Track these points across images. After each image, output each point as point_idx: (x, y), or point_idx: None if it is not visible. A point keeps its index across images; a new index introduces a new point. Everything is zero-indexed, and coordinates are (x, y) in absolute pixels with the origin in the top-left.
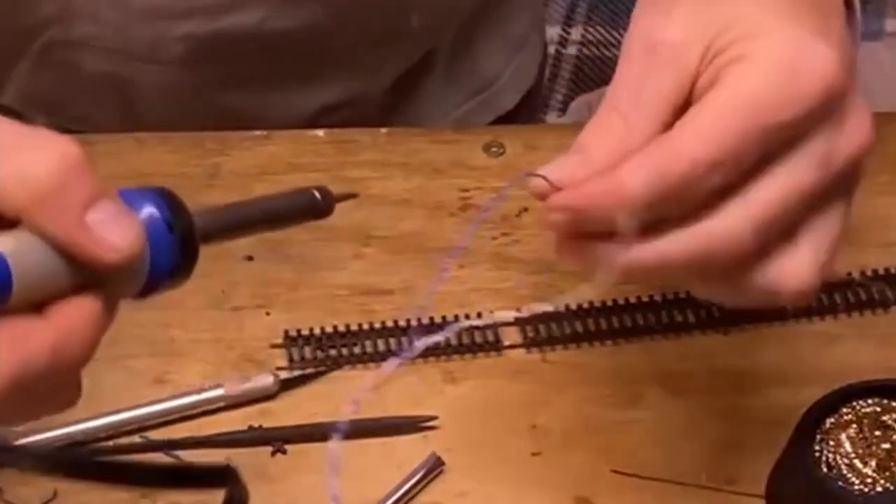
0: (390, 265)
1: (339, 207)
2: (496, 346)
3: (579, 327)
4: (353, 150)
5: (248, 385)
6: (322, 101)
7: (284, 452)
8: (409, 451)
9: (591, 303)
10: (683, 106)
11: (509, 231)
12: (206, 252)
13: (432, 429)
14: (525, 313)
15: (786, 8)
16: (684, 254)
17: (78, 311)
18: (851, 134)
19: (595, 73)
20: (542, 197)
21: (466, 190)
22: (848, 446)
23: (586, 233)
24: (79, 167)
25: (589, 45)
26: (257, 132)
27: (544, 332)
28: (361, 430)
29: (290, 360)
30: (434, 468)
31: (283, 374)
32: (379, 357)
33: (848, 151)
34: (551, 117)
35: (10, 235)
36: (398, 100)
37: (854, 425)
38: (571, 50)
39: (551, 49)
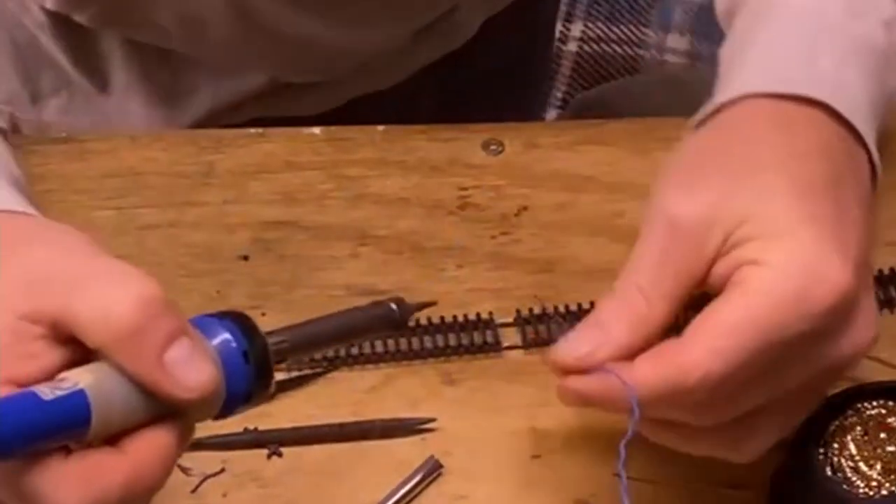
0: (388, 265)
1: (336, 206)
2: (496, 348)
3: None
4: (349, 148)
5: None
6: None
7: (280, 455)
8: (408, 454)
9: (591, 303)
10: (700, 283)
11: (508, 230)
12: (200, 252)
13: (431, 431)
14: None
15: (807, 201)
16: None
17: (152, 445)
18: (856, 337)
19: (595, 69)
20: (562, 374)
21: (465, 188)
22: (853, 449)
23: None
24: (157, 306)
25: (589, 42)
26: (252, 130)
27: (544, 332)
28: (359, 432)
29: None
30: (432, 471)
31: (280, 376)
32: (377, 358)
33: (850, 353)
34: (551, 115)
35: (90, 370)
36: None
37: (859, 428)
38: (571, 46)
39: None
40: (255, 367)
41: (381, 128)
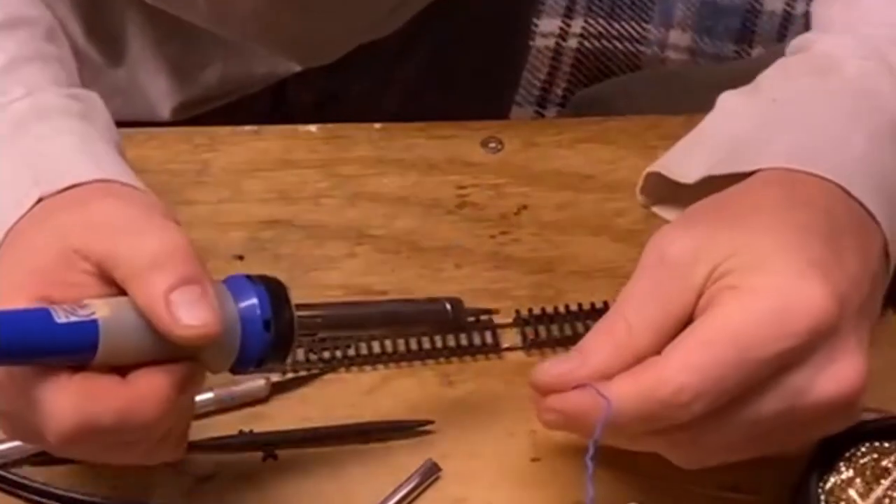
0: (385, 265)
1: (332, 204)
2: (495, 349)
3: (581, 328)
4: (346, 146)
5: (238, 388)
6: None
7: (275, 458)
8: (405, 457)
9: (592, 303)
10: (687, 318)
11: (508, 229)
12: (195, 251)
13: (428, 433)
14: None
15: (795, 239)
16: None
17: (151, 382)
18: (838, 375)
19: (596, 66)
20: (541, 393)
21: (463, 187)
22: (859, 501)
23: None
24: (180, 253)
25: (590, 38)
26: (247, 127)
27: (544, 333)
28: (356, 434)
29: None
30: (430, 474)
31: (275, 377)
32: (374, 359)
33: (830, 394)
34: (550, 112)
35: (110, 302)
36: None
37: (858, 479)
38: (572, 42)
39: (550, 42)
40: (274, 336)
41: (378, 125)
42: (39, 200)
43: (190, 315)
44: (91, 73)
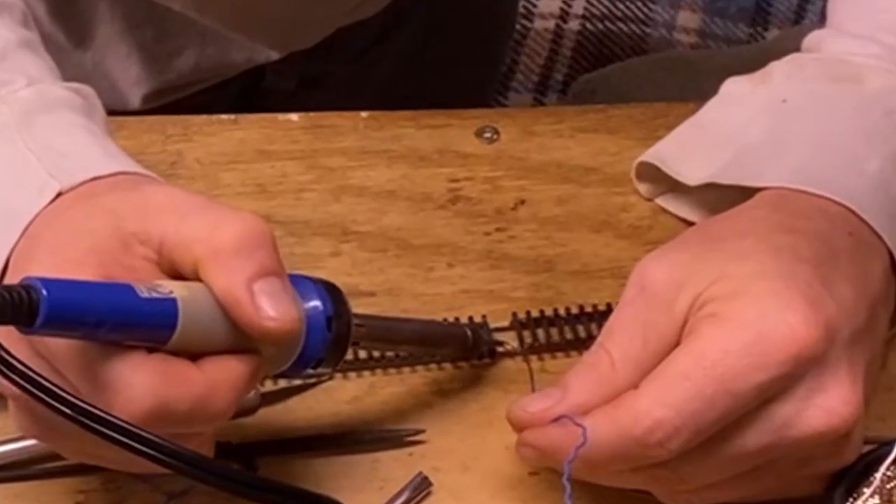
0: (371, 264)
1: (315, 199)
2: (490, 354)
3: (582, 332)
4: (329, 136)
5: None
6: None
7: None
8: (393, 469)
9: (594, 306)
10: (672, 345)
11: (504, 226)
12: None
13: (419, 444)
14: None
15: (780, 264)
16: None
17: (228, 370)
18: (826, 406)
19: (599, 49)
20: (518, 428)
21: (456, 180)
22: None
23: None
24: (263, 241)
25: (592, 20)
26: (223, 116)
27: (543, 337)
28: (341, 445)
29: None
30: (421, 489)
31: (264, 388)
32: (360, 365)
33: (812, 425)
34: (550, 99)
35: (185, 285)
36: None
37: None
38: (573, 25)
39: (550, 24)
40: (334, 337)
41: (364, 114)
42: (59, 195)
43: (274, 307)
44: (54, 55)
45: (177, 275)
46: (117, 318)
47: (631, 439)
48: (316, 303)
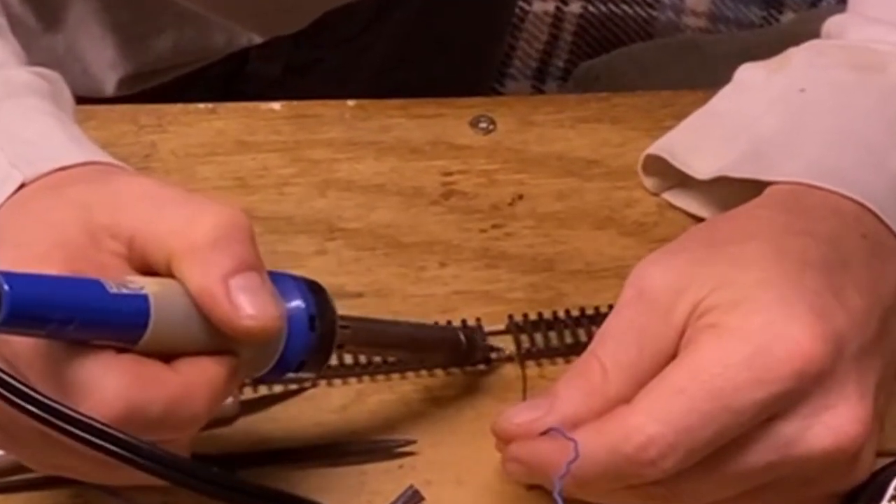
0: (359, 263)
1: (298, 193)
2: (485, 360)
3: (583, 336)
4: (314, 127)
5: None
6: None
7: None
8: (382, 483)
9: (596, 308)
10: (668, 361)
11: (501, 222)
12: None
13: (410, 456)
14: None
15: (785, 271)
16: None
17: (203, 373)
18: (832, 424)
19: (602, 34)
20: (505, 441)
21: (450, 173)
22: None
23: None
24: (241, 234)
25: (595, 2)
26: (201, 105)
27: (542, 342)
28: (326, 456)
29: None
30: (412, 503)
31: (248, 393)
32: (346, 372)
33: (817, 444)
34: (551, 87)
35: (157, 281)
36: None
37: None
38: (574, 7)
39: (550, 6)
40: (318, 338)
41: (351, 102)
42: (22, 186)
43: (252, 305)
44: (23, 37)
45: (149, 271)
46: (85, 316)
47: (622, 457)
48: (298, 301)
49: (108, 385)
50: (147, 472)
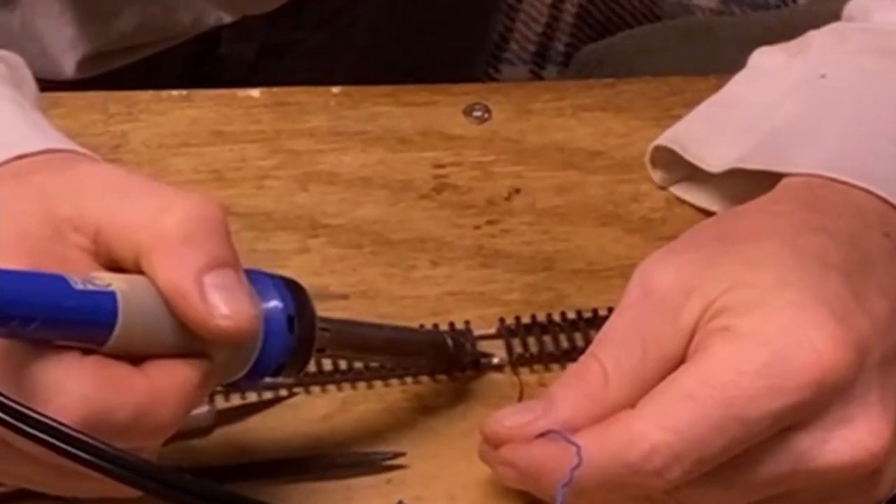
0: (344, 262)
1: (278, 187)
2: (474, 365)
3: (580, 341)
4: (295, 115)
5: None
6: None
7: None
8: (369, 498)
9: (594, 310)
10: (674, 366)
11: (497, 218)
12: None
13: (398, 469)
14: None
15: (805, 271)
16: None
17: (174, 377)
18: (847, 441)
19: (606, 15)
20: (495, 445)
21: (442, 165)
22: None
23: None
24: (214, 228)
25: None
26: (174, 92)
27: (535, 347)
28: (308, 470)
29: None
30: None
31: (221, 402)
32: (329, 379)
33: (835, 459)
34: (550, 72)
35: (126, 278)
36: None
37: None
38: None
39: None
40: (297, 340)
41: (335, 89)
42: None
43: (227, 303)
44: None
45: (116, 266)
46: (48, 314)
47: (624, 465)
48: (275, 301)
49: (71, 388)
50: (113, 477)
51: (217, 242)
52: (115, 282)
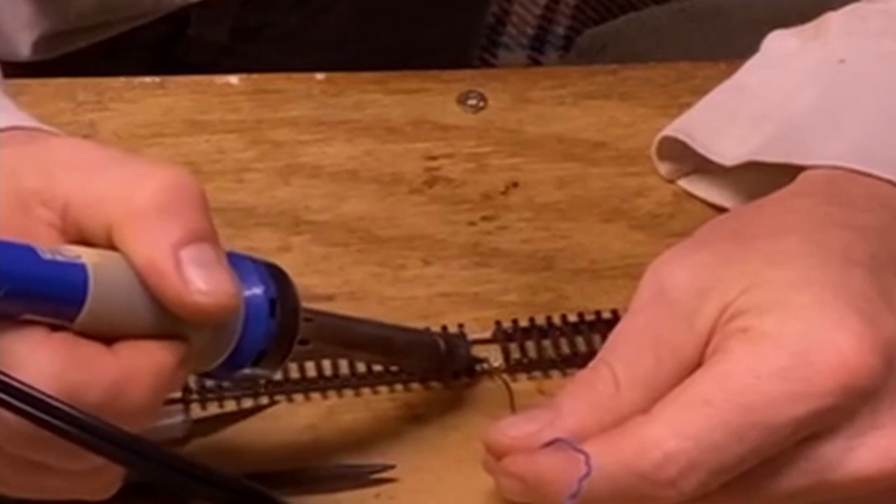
0: (329, 261)
1: (261, 181)
2: (468, 371)
3: (581, 345)
4: (277, 104)
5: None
6: None
7: None
8: None
9: (597, 312)
10: (691, 365)
11: (493, 214)
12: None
13: (388, 482)
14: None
15: (829, 269)
16: None
17: (147, 358)
18: (874, 449)
19: None
20: (498, 456)
21: (434, 157)
22: None
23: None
24: (191, 200)
25: None
26: (147, 78)
27: (534, 352)
28: (292, 483)
29: (202, 388)
30: None
31: (197, 411)
32: (313, 385)
33: (861, 469)
34: (550, 58)
35: (97, 252)
36: None
37: None
38: None
39: None
40: (279, 325)
41: (320, 76)
42: None
43: (205, 279)
44: None
45: (86, 243)
46: (14, 285)
47: (636, 475)
48: (256, 284)
49: (38, 366)
50: (92, 449)
51: (194, 215)
52: (85, 255)
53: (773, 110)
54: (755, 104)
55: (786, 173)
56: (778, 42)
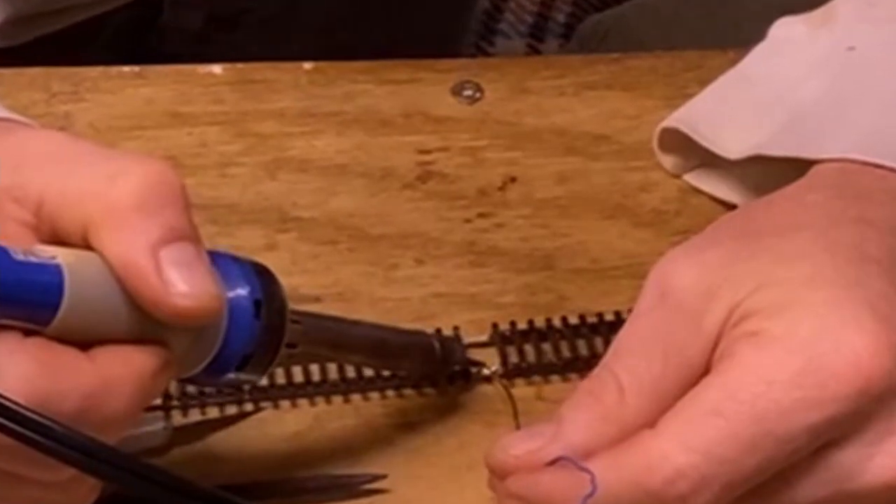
0: (317, 260)
1: (245, 176)
2: (464, 376)
3: (583, 349)
4: (262, 94)
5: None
6: None
7: None
8: None
9: (598, 315)
10: (698, 377)
11: (489, 210)
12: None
13: (379, 493)
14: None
15: (842, 268)
16: None
17: (126, 364)
18: (894, 456)
19: None
20: (501, 476)
21: (427, 151)
22: None
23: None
24: (171, 196)
25: None
26: (125, 68)
27: (533, 356)
28: (278, 494)
29: (184, 395)
30: None
31: (178, 418)
32: (300, 391)
33: (880, 476)
34: (550, 46)
35: (73, 252)
36: None
37: None
38: None
39: None
40: (265, 327)
41: (307, 65)
42: None
43: (186, 280)
44: None
45: (61, 242)
46: None
47: (644, 492)
48: (241, 284)
49: (11, 372)
50: (63, 460)
51: (174, 213)
52: (60, 255)
53: (779, 100)
54: (761, 94)
55: (794, 167)
56: (785, 29)
